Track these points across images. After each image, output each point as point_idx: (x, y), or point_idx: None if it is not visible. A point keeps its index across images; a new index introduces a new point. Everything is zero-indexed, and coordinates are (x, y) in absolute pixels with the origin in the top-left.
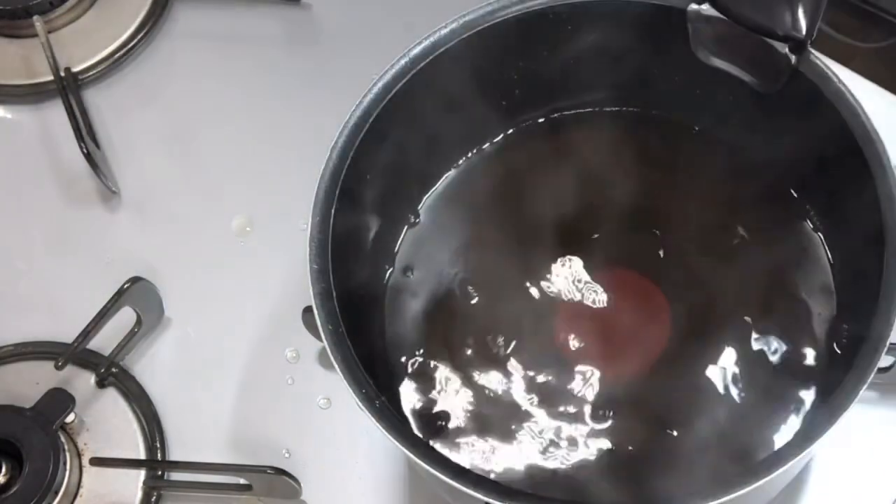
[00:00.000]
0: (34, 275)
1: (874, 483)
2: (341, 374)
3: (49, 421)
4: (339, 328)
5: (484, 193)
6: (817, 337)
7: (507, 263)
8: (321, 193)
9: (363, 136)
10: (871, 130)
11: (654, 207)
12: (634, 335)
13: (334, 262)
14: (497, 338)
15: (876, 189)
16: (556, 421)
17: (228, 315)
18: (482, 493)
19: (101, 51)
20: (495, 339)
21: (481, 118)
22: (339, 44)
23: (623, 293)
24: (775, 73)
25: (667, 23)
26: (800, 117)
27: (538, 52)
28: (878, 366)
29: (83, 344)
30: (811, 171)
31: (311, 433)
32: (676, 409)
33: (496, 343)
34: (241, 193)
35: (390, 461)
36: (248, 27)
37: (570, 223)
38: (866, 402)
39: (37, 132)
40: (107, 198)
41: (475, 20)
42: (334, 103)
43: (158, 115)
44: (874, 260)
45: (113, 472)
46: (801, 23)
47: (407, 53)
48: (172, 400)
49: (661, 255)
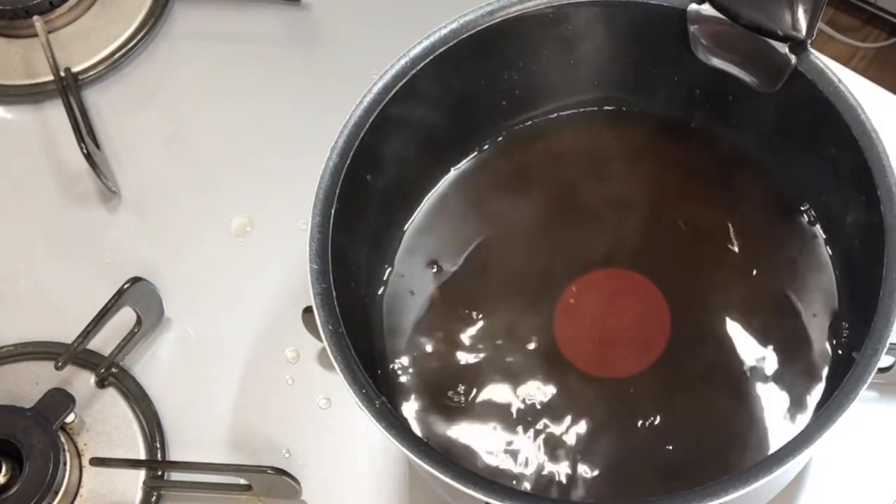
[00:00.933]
0: (34, 275)
1: (874, 483)
2: (341, 374)
3: (49, 421)
4: (339, 328)
5: (483, 194)
6: (817, 337)
7: (506, 263)
8: (321, 193)
9: (363, 136)
10: (871, 130)
11: (653, 207)
12: (634, 336)
13: (334, 262)
14: (497, 338)
15: (876, 189)
16: (556, 421)
17: (228, 315)
18: (482, 493)
19: (101, 51)
20: (495, 339)
21: (481, 118)
22: (339, 44)
23: (623, 294)
24: (775, 73)
25: (666, 23)
26: (799, 117)
27: (538, 52)
28: (878, 366)
29: (83, 344)
30: (811, 171)
31: (311, 433)
32: (676, 409)
33: (496, 343)
34: (241, 193)
35: (390, 461)
36: (248, 27)
37: (570, 223)
38: (866, 402)
39: (37, 132)
40: (107, 198)
41: (475, 20)
42: (334, 103)
43: (158, 115)
44: (874, 260)
45: (113, 472)
46: (801, 23)
47: (407, 53)
48: (172, 400)
49: (661, 255)
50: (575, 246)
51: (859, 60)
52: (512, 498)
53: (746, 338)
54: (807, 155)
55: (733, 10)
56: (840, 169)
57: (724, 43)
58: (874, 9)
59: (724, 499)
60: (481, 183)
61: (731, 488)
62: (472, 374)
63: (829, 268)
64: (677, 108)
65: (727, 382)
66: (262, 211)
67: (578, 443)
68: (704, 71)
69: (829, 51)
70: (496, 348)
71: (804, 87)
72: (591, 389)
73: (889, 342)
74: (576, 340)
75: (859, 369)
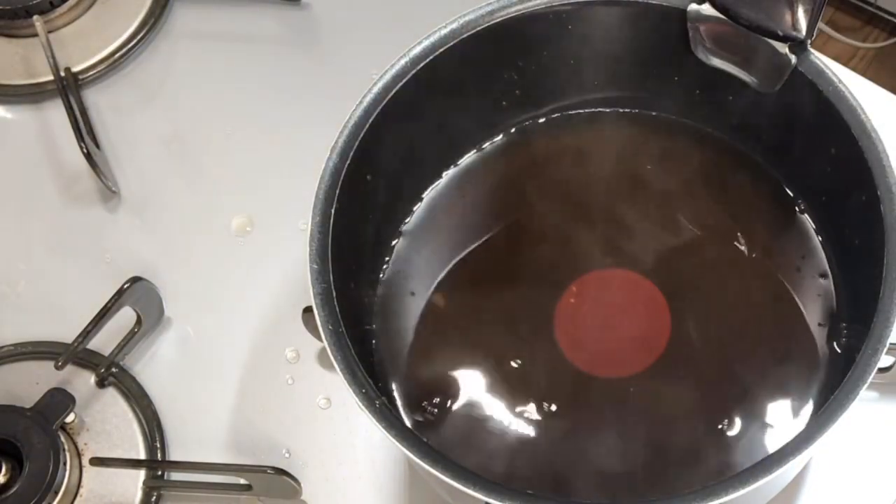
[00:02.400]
0: (34, 275)
1: (874, 483)
2: (341, 374)
3: (49, 421)
4: (339, 328)
5: (483, 193)
6: (817, 337)
7: (506, 263)
8: (321, 193)
9: (363, 136)
10: (871, 130)
11: (653, 208)
12: (634, 336)
13: (334, 262)
14: (497, 337)
15: (876, 189)
16: (557, 420)
17: (228, 315)
18: (482, 493)
19: (101, 51)
20: (495, 338)
21: (481, 118)
22: (339, 44)
23: (623, 294)
24: (775, 73)
25: (666, 23)
26: (799, 117)
27: (538, 52)
28: (878, 366)
29: (83, 344)
30: (811, 171)
31: (311, 433)
32: (676, 409)
33: (496, 343)
34: (241, 193)
35: (390, 461)
36: (248, 27)
37: (570, 223)
38: (866, 402)
39: (37, 132)
40: (107, 198)
41: (475, 20)
42: (334, 103)
43: (158, 115)
44: (874, 260)
45: (113, 472)
46: (800, 23)
47: (407, 53)
48: (172, 400)
49: (661, 255)
50: (575, 246)
51: (859, 60)
52: (512, 498)
53: (746, 337)
54: (806, 155)
55: (733, 10)
56: (840, 169)
57: (724, 43)
58: (874, 9)
59: (724, 499)
60: (481, 183)
61: (731, 488)
62: (471, 374)
63: (829, 268)
64: (677, 108)
65: (727, 382)
66: (262, 211)
67: (578, 442)
68: (704, 71)
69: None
70: (496, 347)
71: (804, 87)
72: (591, 389)
73: (889, 342)
74: (576, 340)
75: (859, 369)
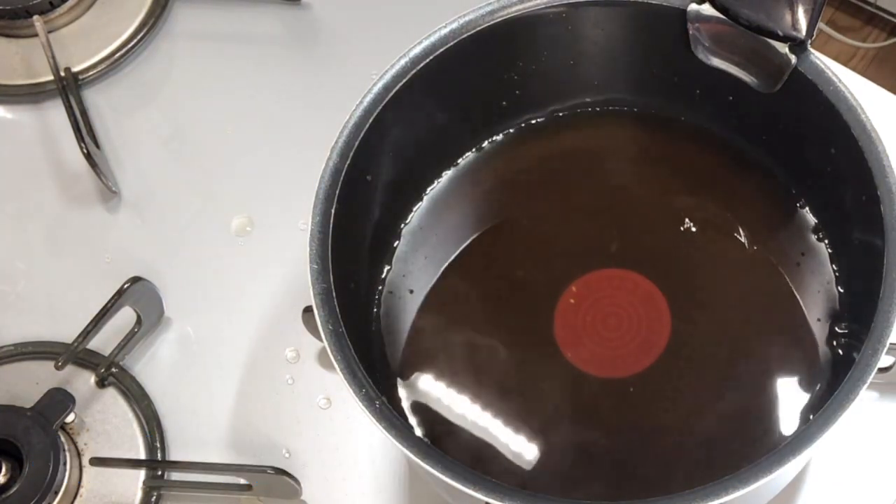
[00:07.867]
0: (34, 275)
1: (874, 483)
2: (341, 374)
3: (49, 421)
4: (339, 328)
5: (483, 193)
6: (817, 337)
7: (506, 263)
8: (321, 193)
9: (363, 136)
10: (871, 130)
11: (653, 208)
12: (634, 336)
13: (334, 262)
14: (497, 337)
15: (876, 189)
16: (557, 420)
17: (228, 315)
18: (482, 493)
19: (101, 51)
20: (495, 338)
21: (481, 118)
22: (339, 44)
23: (623, 294)
24: (775, 73)
25: (666, 23)
26: (799, 117)
27: (538, 52)
28: (878, 366)
29: (83, 344)
30: (811, 171)
31: (311, 433)
32: (676, 409)
33: (496, 342)
34: (241, 193)
35: (390, 461)
36: (248, 27)
37: (570, 223)
38: (866, 402)
39: (37, 132)
40: (107, 198)
41: (475, 20)
42: (334, 103)
43: (158, 115)
44: (874, 260)
45: (113, 472)
46: (800, 23)
47: (407, 53)
48: (172, 400)
49: (661, 255)
50: (575, 246)
51: (859, 60)
52: (512, 498)
53: (746, 337)
54: (806, 155)
55: (733, 10)
56: (840, 169)
57: (724, 43)
58: (874, 9)
59: (724, 499)
60: (481, 183)
61: (731, 488)
62: (471, 374)
63: (829, 267)
64: (677, 108)
65: (727, 382)
66: (262, 211)
67: (578, 442)
68: (704, 71)
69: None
70: (496, 347)
71: (804, 87)
72: (591, 389)
73: (889, 342)
74: (576, 340)
75: (859, 369)
